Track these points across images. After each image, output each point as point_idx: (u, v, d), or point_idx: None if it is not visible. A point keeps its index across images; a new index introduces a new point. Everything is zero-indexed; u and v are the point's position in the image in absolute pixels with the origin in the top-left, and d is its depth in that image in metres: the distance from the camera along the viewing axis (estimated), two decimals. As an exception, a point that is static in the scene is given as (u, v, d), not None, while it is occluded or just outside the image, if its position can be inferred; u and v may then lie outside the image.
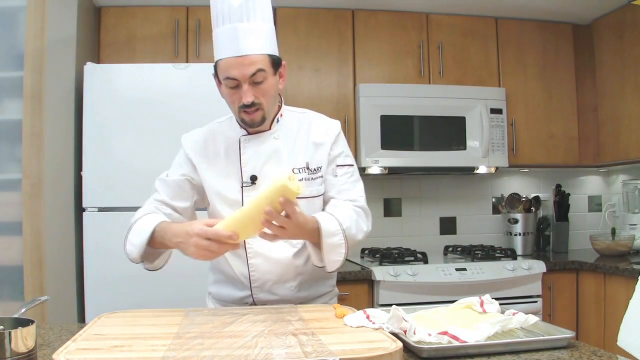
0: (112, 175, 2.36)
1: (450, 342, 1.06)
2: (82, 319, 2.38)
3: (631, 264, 2.57)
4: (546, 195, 3.34)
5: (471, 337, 1.07)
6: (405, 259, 2.75)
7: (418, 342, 1.07)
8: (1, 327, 1.00)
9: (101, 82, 2.41)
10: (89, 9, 2.69)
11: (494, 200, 3.39)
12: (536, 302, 2.67)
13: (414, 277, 2.53)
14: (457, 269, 2.60)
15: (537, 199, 3.21)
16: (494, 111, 2.98)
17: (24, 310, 1.19)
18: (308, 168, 1.48)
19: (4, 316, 1.04)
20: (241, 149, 1.49)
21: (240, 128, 1.50)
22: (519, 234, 3.12)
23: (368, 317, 1.18)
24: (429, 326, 1.14)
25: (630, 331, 1.04)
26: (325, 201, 1.52)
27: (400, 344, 1.01)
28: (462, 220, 3.35)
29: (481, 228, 3.36)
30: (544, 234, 3.28)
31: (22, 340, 0.93)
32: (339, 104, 2.94)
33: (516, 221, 3.14)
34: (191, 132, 1.58)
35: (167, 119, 2.35)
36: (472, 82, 3.04)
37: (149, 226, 1.35)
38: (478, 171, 3.03)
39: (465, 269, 2.61)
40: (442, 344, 1.06)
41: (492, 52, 3.11)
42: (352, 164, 1.56)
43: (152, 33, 2.81)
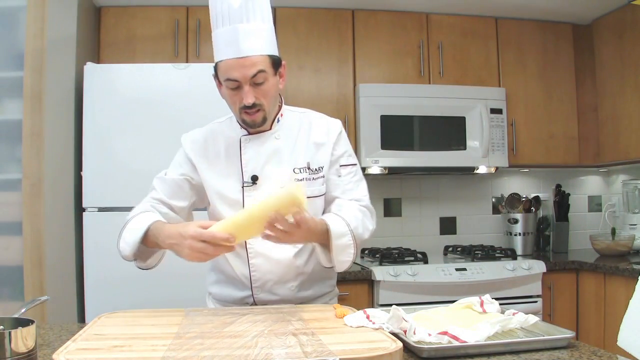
0: (112, 175, 2.36)
1: (450, 342, 1.06)
2: (82, 319, 2.38)
3: (631, 264, 2.57)
4: (546, 195, 3.34)
5: (471, 337, 1.07)
6: (405, 259, 2.75)
7: (418, 342, 1.07)
8: (1, 327, 1.00)
9: (101, 82, 2.41)
10: (89, 9, 2.69)
11: (494, 200, 3.39)
12: (536, 302, 2.67)
13: (414, 277, 2.53)
14: (457, 269, 2.60)
15: (537, 199, 3.21)
16: (494, 111, 2.98)
17: (24, 310, 1.19)
18: (309, 168, 1.48)
19: (4, 316, 1.04)
20: (242, 149, 1.49)
21: (241, 128, 1.50)
22: (519, 234, 3.12)
23: (368, 317, 1.18)
24: (429, 326, 1.14)
25: (630, 331, 1.04)
26: (330, 201, 1.52)
27: (400, 344, 1.01)
28: (462, 220, 3.35)
29: (481, 228, 3.36)
30: (544, 234, 3.28)
31: (22, 340, 0.93)
32: (339, 104, 2.94)
33: (516, 221, 3.14)
34: (191, 132, 1.57)
35: (167, 119, 2.35)
36: (472, 82, 3.04)
37: (143, 225, 1.35)
38: (478, 171, 3.02)
39: (465, 269, 2.61)
40: (442, 344, 1.06)
41: (492, 52, 3.11)
42: (355, 163, 1.56)
43: (152, 33, 2.81)
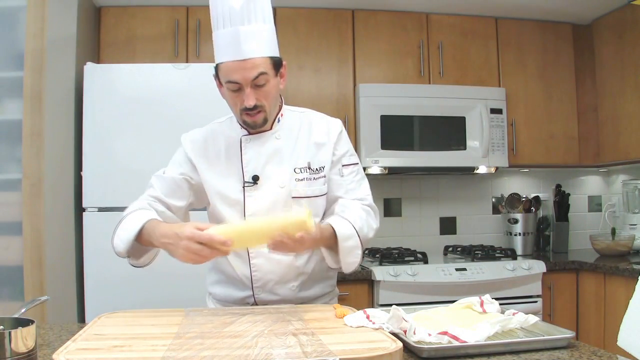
0: (112, 175, 2.36)
1: (450, 342, 1.06)
2: (82, 319, 2.38)
3: (631, 264, 2.57)
4: (546, 195, 3.34)
5: (471, 337, 1.07)
6: (405, 259, 2.75)
7: (418, 342, 1.07)
8: (1, 327, 1.00)
9: (101, 82, 2.41)
10: (89, 9, 2.69)
11: (494, 200, 3.39)
12: (536, 302, 2.67)
13: (414, 277, 2.53)
14: (457, 269, 2.60)
15: (537, 199, 3.21)
16: (494, 111, 2.98)
17: (24, 310, 1.18)
18: (310, 168, 1.48)
19: (4, 316, 1.04)
20: (242, 149, 1.49)
21: (241, 128, 1.50)
22: (519, 234, 3.12)
23: (368, 317, 1.18)
24: (429, 326, 1.14)
25: (630, 331, 1.03)
26: (332, 201, 1.52)
27: (400, 344, 1.01)
28: (462, 220, 3.35)
29: (481, 228, 3.36)
30: (544, 234, 3.28)
31: (22, 340, 0.93)
32: (339, 104, 2.94)
33: (516, 221, 3.14)
34: (191, 132, 1.57)
35: (167, 119, 2.35)
36: (472, 82, 3.04)
37: (138, 222, 1.33)
38: (478, 171, 3.02)
39: (465, 269, 2.61)
40: (442, 344, 1.06)
41: (492, 52, 3.11)
42: (357, 163, 1.56)
43: (152, 33, 2.81)
